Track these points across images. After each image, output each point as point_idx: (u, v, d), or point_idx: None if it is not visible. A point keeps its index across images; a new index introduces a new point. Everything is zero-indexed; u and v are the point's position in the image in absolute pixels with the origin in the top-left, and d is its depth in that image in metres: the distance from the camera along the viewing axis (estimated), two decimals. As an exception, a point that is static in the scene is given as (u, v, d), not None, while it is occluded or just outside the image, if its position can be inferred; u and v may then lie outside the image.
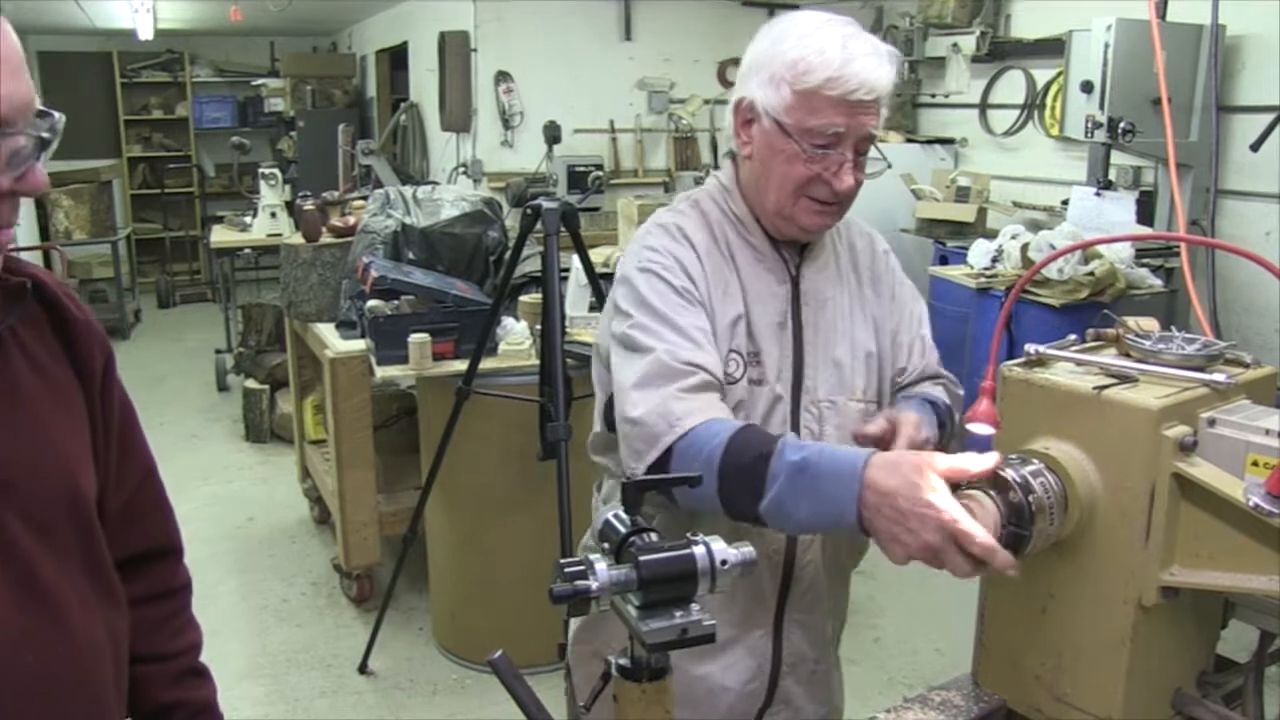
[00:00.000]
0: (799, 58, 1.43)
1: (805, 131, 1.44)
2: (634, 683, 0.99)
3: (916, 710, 1.31)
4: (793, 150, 1.46)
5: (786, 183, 1.48)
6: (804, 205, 1.50)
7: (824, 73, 1.41)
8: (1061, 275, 3.85)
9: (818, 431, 1.55)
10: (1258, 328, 4.28)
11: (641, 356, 1.45)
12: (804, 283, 1.58)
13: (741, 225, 1.57)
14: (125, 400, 1.27)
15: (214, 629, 3.76)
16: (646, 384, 1.42)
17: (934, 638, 3.76)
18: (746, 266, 1.55)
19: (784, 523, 1.31)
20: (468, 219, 3.90)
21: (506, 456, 3.36)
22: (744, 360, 1.52)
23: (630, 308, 1.51)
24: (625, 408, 1.43)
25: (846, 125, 1.45)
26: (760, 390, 1.53)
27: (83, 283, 8.68)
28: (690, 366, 1.42)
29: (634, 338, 1.47)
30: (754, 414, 1.52)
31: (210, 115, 11.20)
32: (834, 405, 1.57)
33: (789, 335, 1.55)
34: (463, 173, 6.61)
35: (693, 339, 1.45)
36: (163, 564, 1.35)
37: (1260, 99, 4.26)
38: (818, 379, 1.56)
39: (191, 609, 1.41)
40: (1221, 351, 1.24)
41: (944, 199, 5.31)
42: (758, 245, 1.57)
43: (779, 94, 1.45)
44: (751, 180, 1.55)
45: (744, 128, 1.53)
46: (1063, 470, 1.18)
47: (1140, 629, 1.16)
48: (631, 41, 6.84)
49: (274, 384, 5.97)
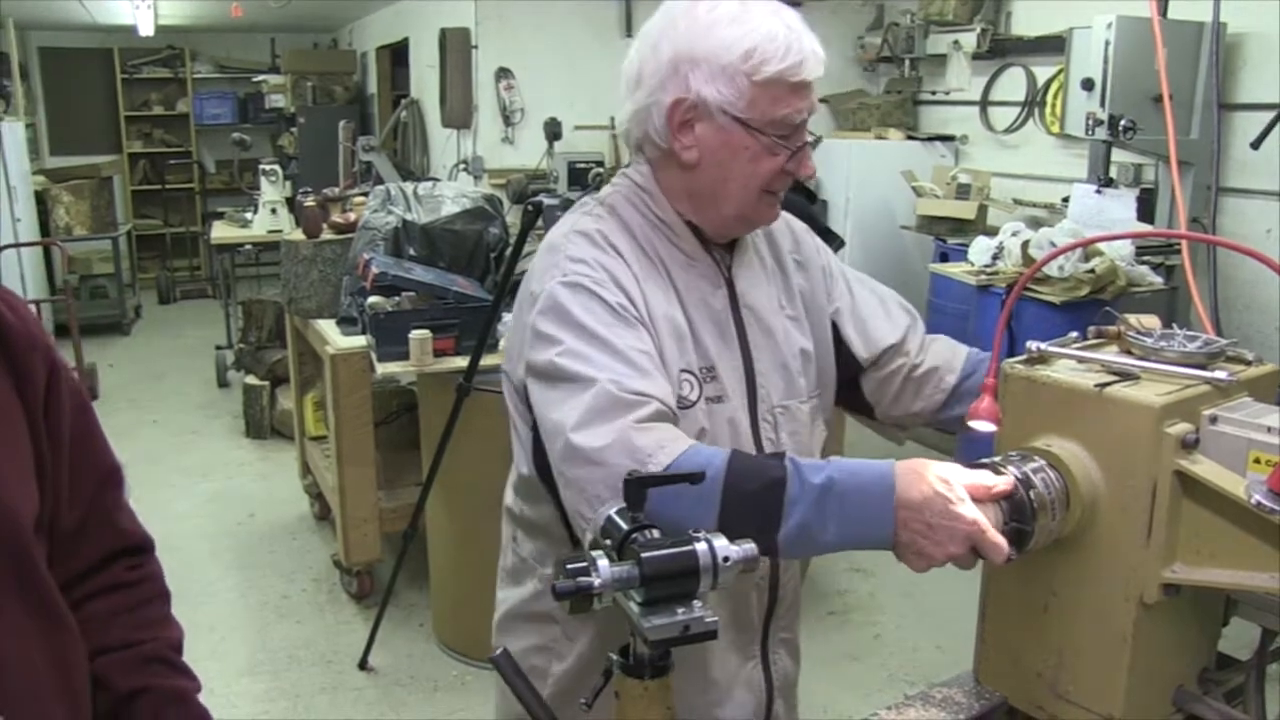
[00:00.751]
0: (751, 46, 1.30)
1: (770, 123, 1.33)
2: (636, 679, 0.99)
3: (918, 707, 1.31)
4: (759, 147, 1.34)
5: (753, 181, 1.36)
6: (768, 201, 1.40)
7: (783, 60, 1.30)
8: (1062, 273, 3.85)
9: (775, 440, 1.45)
10: (1258, 325, 4.29)
11: (580, 390, 1.24)
12: (738, 284, 1.46)
13: (668, 229, 1.42)
14: (82, 405, 1.18)
15: (214, 625, 3.85)
16: (593, 421, 1.21)
17: (934, 635, 3.76)
18: (679, 274, 1.40)
19: (805, 549, 1.21)
20: (469, 215, 3.90)
21: (507, 453, 3.33)
22: (698, 379, 1.38)
23: (556, 330, 1.30)
24: (570, 452, 1.22)
25: (805, 109, 1.35)
26: (720, 408, 1.39)
27: (83, 278, 8.68)
28: (640, 396, 1.23)
29: (565, 368, 1.27)
30: (718, 436, 1.38)
31: (211, 111, 11.20)
32: (787, 410, 1.47)
33: (734, 343, 1.43)
34: (463, 169, 6.61)
35: (637, 365, 1.26)
36: (126, 559, 1.25)
37: (1261, 96, 4.27)
38: (770, 385, 1.45)
39: (164, 604, 1.28)
40: (1223, 349, 1.24)
41: (945, 196, 5.31)
42: (689, 250, 1.42)
43: (734, 87, 1.31)
44: (699, 185, 1.38)
45: (682, 130, 1.36)
46: (1064, 467, 1.18)
47: (1142, 626, 1.16)
48: (632, 38, 6.79)
49: (274, 380, 5.97)
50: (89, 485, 1.20)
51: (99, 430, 1.23)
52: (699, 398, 1.37)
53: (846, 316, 1.57)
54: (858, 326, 1.56)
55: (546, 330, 1.31)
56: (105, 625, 1.19)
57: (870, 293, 1.61)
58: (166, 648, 1.23)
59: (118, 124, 10.98)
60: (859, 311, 1.57)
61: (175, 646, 1.25)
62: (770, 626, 1.52)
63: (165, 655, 1.23)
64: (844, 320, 1.56)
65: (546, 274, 1.35)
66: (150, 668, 1.20)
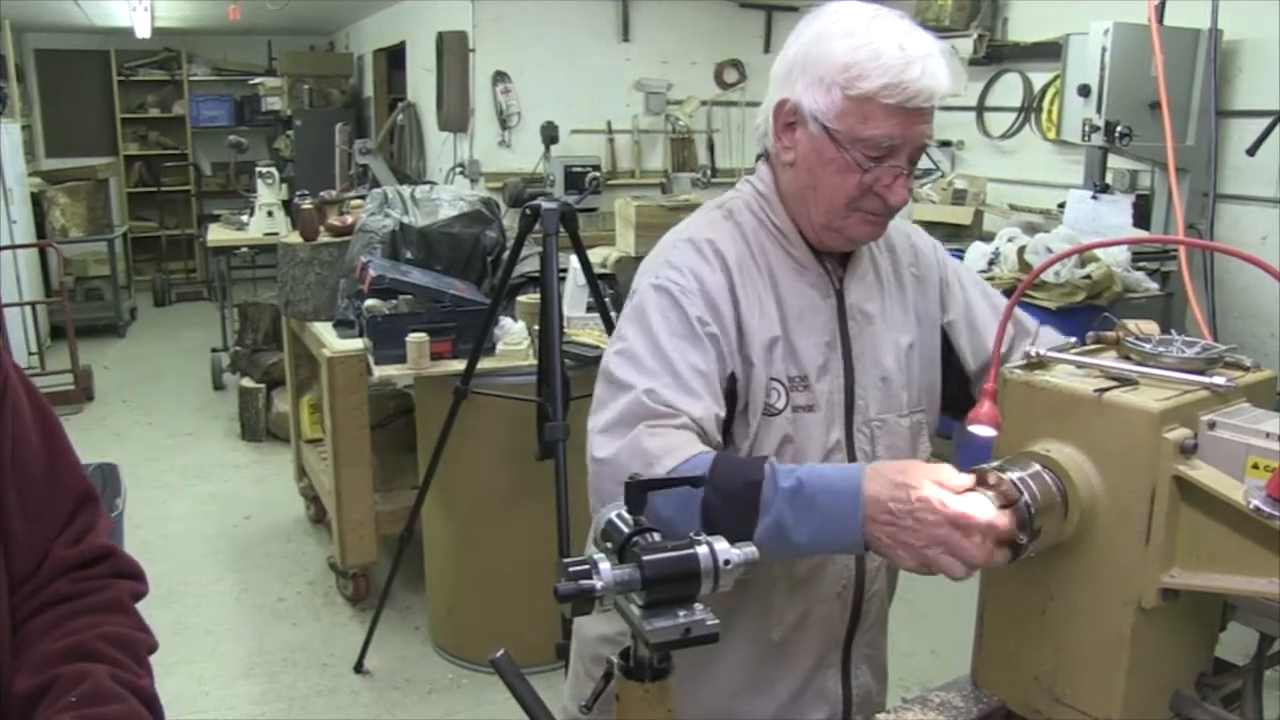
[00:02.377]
0: (852, 60, 1.30)
1: (858, 141, 1.32)
2: (636, 682, 0.99)
3: (916, 711, 1.31)
4: (844, 161, 1.34)
5: (838, 196, 1.36)
6: (857, 218, 1.38)
7: (880, 78, 1.28)
8: (1058, 278, 3.85)
9: (871, 452, 1.46)
10: (1255, 331, 4.30)
11: (619, 393, 1.31)
12: (849, 296, 1.46)
13: (783, 237, 1.44)
14: (46, 420, 1.10)
15: (209, 628, 3.85)
16: (616, 426, 1.29)
17: (930, 639, 3.76)
18: (788, 282, 1.43)
19: (781, 550, 1.22)
20: (466, 219, 3.90)
21: (504, 456, 3.36)
22: (786, 388, 1.40)
23: (629, 327, 1.37)
24: (590, 448, 1.31)
25: (903, 135, 1.32)
26: (811, 417, 1.41)
27: (79, 280, 8.68)
28: (671, 409, 1.28)
29: (616, 370, 1.34)
30: (805, 445, 1.41)
31: (207, 114, 11.21)
32: (884, 424, 1.47)
33: (839, 354, 1.44)
34: (460, 172, 6.61)
35: (684, 381, 1.31)
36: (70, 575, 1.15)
37: (1257, 103, 4.28)
38: (869, 397, 1.46)
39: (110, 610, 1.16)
40: (1221, 355, 1.24)
41: (940, 201, 5.31)
42: (800, 258, 1.44)
43: (829, 98, 1.32)
44: (795, 189, 1.42)
45: (785, 131, 1.39)
46: (1063, 472, 1.18)
47: (1140, 631, 1.17)
48: (629, 42, 6.85)
49: (270, 383, 5.96)
50: (55, 521, 1.14)
51: (68, 452, 1.17)
52: (785, 405, 1.40)
53: (961, 328, 1.56)
54: (971, 338, 1.56)
55: (623, 325, 1.39)
56: (35, 639, 1.11)
57: (988, 304, 1.59)
58: (97, 640, 1.11)
59: (114, 126, 10.98)
60: (974, 323, 1.56)
61: (112, 639, 1.12)
62: (854, 640, 1.54)
63: (86, 647, 1.09)
64: (957, 332, 1.56)
65: (646, 271, 1.43)
66: (65, 660, 1.08)
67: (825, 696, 1.53)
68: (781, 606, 1.47)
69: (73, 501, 1.18)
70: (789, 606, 1.47)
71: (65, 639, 1.10)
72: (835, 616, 1.50)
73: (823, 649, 1.51)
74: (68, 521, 1.17)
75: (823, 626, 1.50)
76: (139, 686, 1.10)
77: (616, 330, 1.41)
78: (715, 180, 6.31)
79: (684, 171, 6.85)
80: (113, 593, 1.18)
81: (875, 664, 1.59)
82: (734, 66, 7.13)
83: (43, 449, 1.14)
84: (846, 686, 1.54)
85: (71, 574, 1.16)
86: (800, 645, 1.50)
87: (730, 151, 7.19)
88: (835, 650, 1.52)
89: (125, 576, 1.21)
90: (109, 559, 1.20)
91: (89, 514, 1.20)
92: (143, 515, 4.68)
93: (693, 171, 6.70)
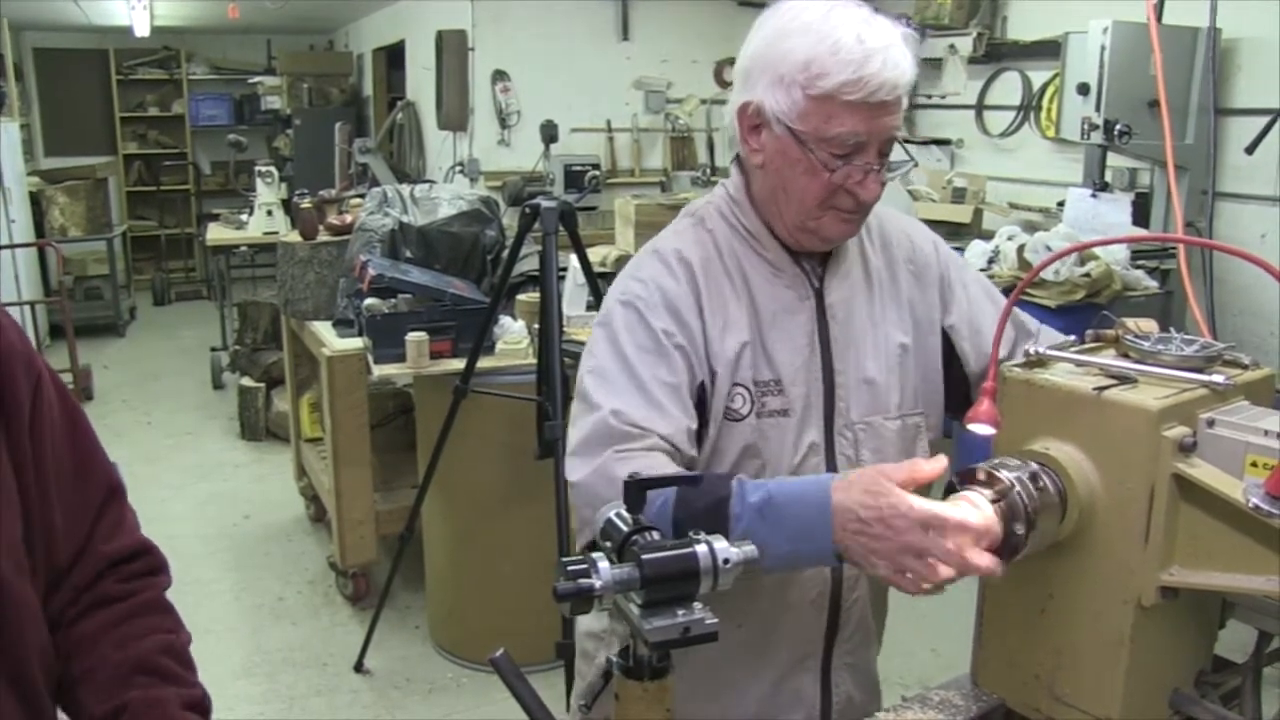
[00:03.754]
0: (810, 57, 1.26)
1: (823, 141, 1.29)
2: (635, 681, 0.99)
3: (916, 709, 1.31)
4: (810, 162, 1.31)
5: (808, 196, 1.34)
6: (831, 217, 1.36)
7: (840, 75, 1.25)
8: (1058, 276, 3.85)
9: (854, 457, 1.42)
10: (1254, 329, 4.30)
11: (588, 413, 1.32)
12: (829, 295, 1.43)
13: (755, 240, 1.42)
14: (75, 421, 1.12)
15: (209, 627, 3.85)
16: (583, 450, 1.30)
17: (929, 638, 3.76)
18: (762, 285, 1.40)
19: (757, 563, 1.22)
20: (465, 218, 3.90)
21: (503, 455, 3.36)
22: (751, 393, 1.37)
23: (597, 343, 1.38)
24: (565, 468, 1.33)
25: (868, 131, 1.29)
26: (783, 422, 1.38)
27: (78, 280, 8.67)
28: (638, 429, 1.28)
29: (588, 389, 1.35)
30: (776, 450, 1.39)
31: (206, 113, 11.20)
32: (869, 427, 1.44)
33: (817, 356, 1.41)
34: (459, 171, 6.61)
35: (651, 398, 1.30)
36: (114, 572, 1.18)
37: (1256, 102, 4.27)
38: (850, 400, 1.42)
39: (158, 611, 1.20)
40: (1220, 353, 1.24)
41: (940, 200, 5.32)
42: (774, 260, 1.42)
43: (790, 98, 1.29)
44: (766, 191, 1.39)
45: (751, 134, 1.37)
46: (1062, 470, 1.18)
47: (1139, 629, 1.17)
48: (629, 41, 6.85)
49: (269, 382, 5.96)
50: (88, 512, 1.15)
51: (96, 446, 1.18)
52: (750, 411, 1.38)
53: (963, 331, 1.52)
54: (974, 340, 1.52)
55: (591, 341, 1.40)
56: (92, 645, 1.14)
57: (991, 305, 1.55)
58: (156, 653, 1.15)
59: (113, 125, 10.97)
60: (976, 325, 1.52)
61: (167, 649, 1.16)
62: (834, 648, 1.51)
63: (150, 663, 1.14)
64: (959, 335, 1.52)
65: (616, 286, 1.43)
66: (133, 680, 1.12)
67: (801, 699, 1.51)
68: (746, 607, 1.43)
69: (102, 494, 1.19)
70: (753, 607, 1.44)
71: (124, 649, 1.13)
72: (810, 622, 1.48)
73: (799, 653, 1.49)
74: (99, 514, 1.18)
75: (796, 631, 1.48)
76: (196, 699, 1.15)
77: (587, 347, 1.41)
78: (715, 179, 6.30)
79: (684, 170, 6.85)
80: (155, 591, 1.21)
81: (860, 674, 1.56)
82: (733, 65, 7.11)
83: (71, 442, 1.15)
84: (826, 693, 1.52)
85: (115, 570, 1.18)
86: (772, 647, 1.48)
87: (730, 150, 7.17)
88: (813, 656, 1.50)
89: (162, 571, 1.25)
90: (146, 555, 1.23)
91: (118, 507, 1.22)
92: (142, 514, 4.58)
93: (692, 170, 6.70)
